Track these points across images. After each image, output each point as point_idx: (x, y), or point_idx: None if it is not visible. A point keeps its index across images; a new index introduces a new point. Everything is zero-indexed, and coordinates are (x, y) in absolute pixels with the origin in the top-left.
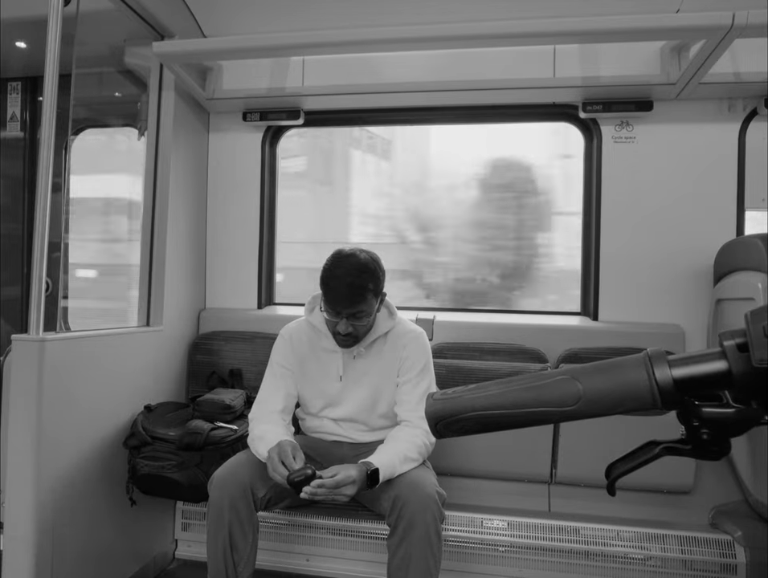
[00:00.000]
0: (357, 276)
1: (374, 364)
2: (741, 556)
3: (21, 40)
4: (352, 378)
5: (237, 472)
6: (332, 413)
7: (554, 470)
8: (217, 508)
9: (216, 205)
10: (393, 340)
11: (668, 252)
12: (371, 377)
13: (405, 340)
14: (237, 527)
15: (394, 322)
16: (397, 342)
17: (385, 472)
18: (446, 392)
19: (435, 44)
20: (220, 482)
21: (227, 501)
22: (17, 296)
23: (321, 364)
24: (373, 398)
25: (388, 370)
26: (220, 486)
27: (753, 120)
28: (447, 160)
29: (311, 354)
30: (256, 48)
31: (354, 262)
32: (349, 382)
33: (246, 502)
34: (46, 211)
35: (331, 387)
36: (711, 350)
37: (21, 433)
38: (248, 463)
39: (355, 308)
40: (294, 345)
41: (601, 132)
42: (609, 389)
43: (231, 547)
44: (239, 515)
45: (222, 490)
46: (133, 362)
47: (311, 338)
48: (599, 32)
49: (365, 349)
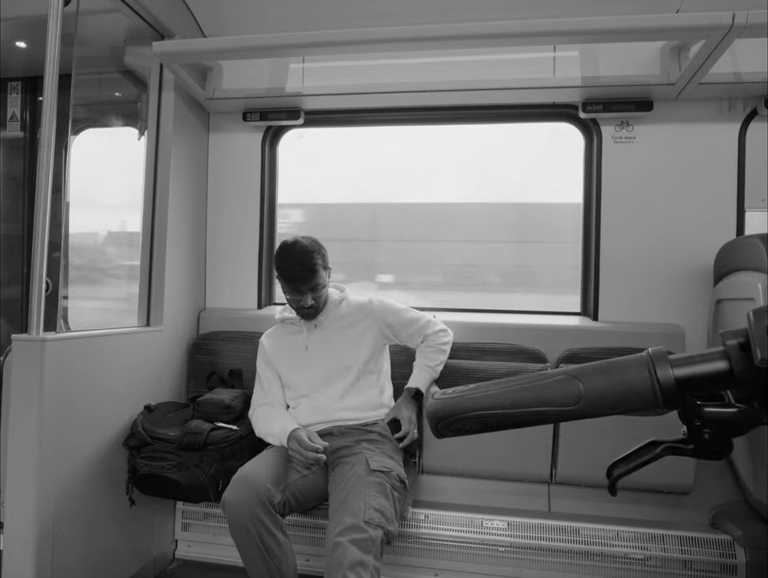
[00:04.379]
0: (308, 256)
1: (336, 329)
2: (741, 556)
3: (21, 40)
4: (318, 345)
5: (250, 486)
6: (304, 379)
7: (554, 470)
8: (240, 525)
9: (216, 205)
10: (351, 308)
11: (668, 252)
12: (339, 336)
13: (366, 311)
14: (266, 535)
15: (344, 293)
16: (356, 306)
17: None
18: (446, 391)
19: (435, 44)
20: (236, 502)
21: (248, 516)
22: (17, 296)
23: (290, 344)
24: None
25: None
26: (236, 505)
27: (753, 120)
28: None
29: (284, 343)
30: (256, 48)
31: (300, 246)
32: (315, 348)
33: (266, 511)
34: (46, 211)
35: (299, 356)
36: (713, 349)
37: (21, 433)
38: (258, 475)
39: (312, 282)
40: (267, 347)
41: (601, 132)
42: (610, 389)
43: (268, 553)
44: (264, 523)
45: (240, 509)
46: (133, 362)
47: (283, 331)
48: (599, 32)
49: (323, 318)
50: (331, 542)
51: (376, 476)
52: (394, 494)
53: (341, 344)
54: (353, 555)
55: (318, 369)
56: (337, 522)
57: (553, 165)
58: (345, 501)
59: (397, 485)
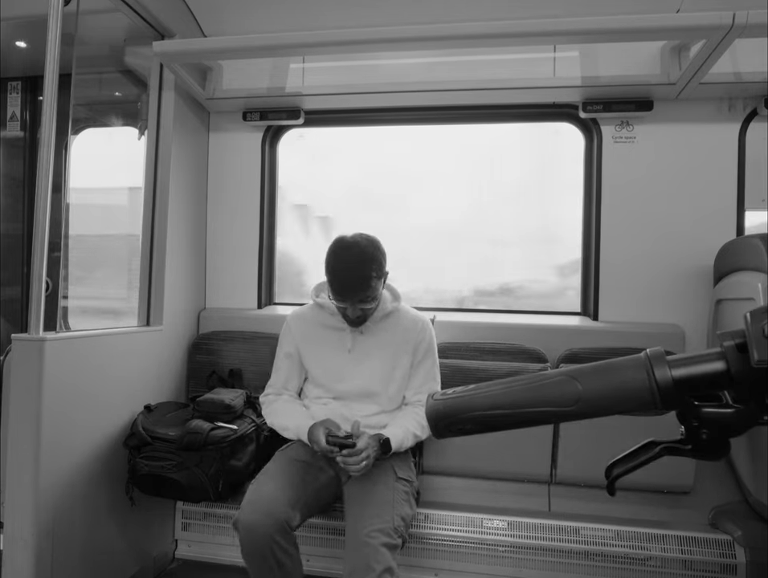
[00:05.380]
0: (362, 266)
1: (383, 340)
2: (741, 556)
3: (21, 40)
4: (361, 352)
5: (268, 511)
6: (341, 387)
7: (554, 470)
8: (255, 549)
9: (216, 205)
10: (402, 323)
11: (668, 252)
12: (383, 352)
13: (419, 326)
14: (283, 556)
15: (398, 303)
16: (409, 326)
17: (395, 445)
18: (446, 392)
19: (435, 44)
20: (253, 526)
21: (264, 541)
22: (17, 296)
23: (328, 340)
24: (388, 372)
25: (400, 349)
26: (253, 529)
27: (753, 120)
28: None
29: (320, 337)
30: (256, 48)
31: (357, 251)
32: (358, 355)
33: (284, 534)
34: (46, 211)
35: (340, 359)
36: (710, 350)
37: (21, 433)
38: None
39: (362, 295)
40: (294, 329)
41: (601, 132)
42: (608, 390)
43: (280, 570)
44: (281, 545)
45: (257, 533)
46: (133, 362)
47: (317, 315)
48: (599, 32)
49: (371, 324)
50: (360, 540)
51: (402, 484)
52: (412, 505)
53: (387, 356)
54: (386, 559)
55: (358, 380)
56: (366, 521)
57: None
58: (374, 502)
59: (414, 495)
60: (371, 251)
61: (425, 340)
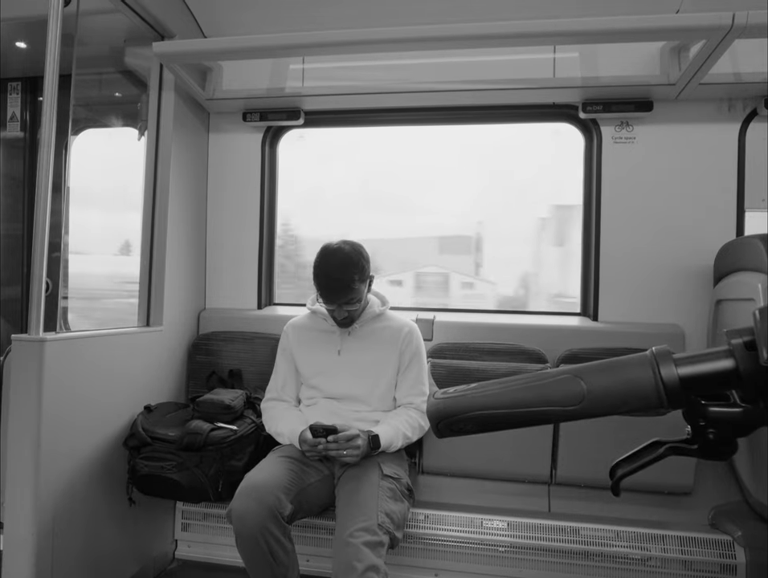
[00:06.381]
0: (344, 271)
1: (371, 342)
2: (741, 557)
3: (21, 40)
4: (349, 353)
5: (259, 497)
6: (331, 387)
7: (554, 470)
8: (248, 538)
9: (216, 205)
10: (390, 327)
11: (668, 252)
12: (370, 353)
13: (405, 331)
14: (276, 546)
15: (386, 307)
16: (395, 331)
17: (384, 441)
18: (447, 391)
19: (435, 44)
20: (244, 514)
21: (257, 529)
22: (17, 296)
23: (319, 341)
24: (374, 375)
25: (386, 351)
26: (245, 517)
27: (753, 120)
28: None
29: (313, 340)
30: (256, 48)
31: (341, 257)
32: (347, 356)
33: (277, 522)
34: (46, 211)
35: (329, 360)
36: (717, 348)
37: (21, 433)
38: (267, 484)
39: (347, 297)
40: (291, 335)
41: (601, 133)
42: (614, 388)
43: (275, 562)
44: (274, 534)
45: (249, 521)
46: (133, 362)
47: (311, 321)
48: (599, 32)
49: (359, 327)
50: (343, 540)
51: (388, 481)
52: (402, 502)
53: (374, 358)
54: (368, 558)
55: (347, 379)
56: (349, 521)
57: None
58: (358, 502)
59: (405, 492)
60: (354, 257)
61: (411, 345)
